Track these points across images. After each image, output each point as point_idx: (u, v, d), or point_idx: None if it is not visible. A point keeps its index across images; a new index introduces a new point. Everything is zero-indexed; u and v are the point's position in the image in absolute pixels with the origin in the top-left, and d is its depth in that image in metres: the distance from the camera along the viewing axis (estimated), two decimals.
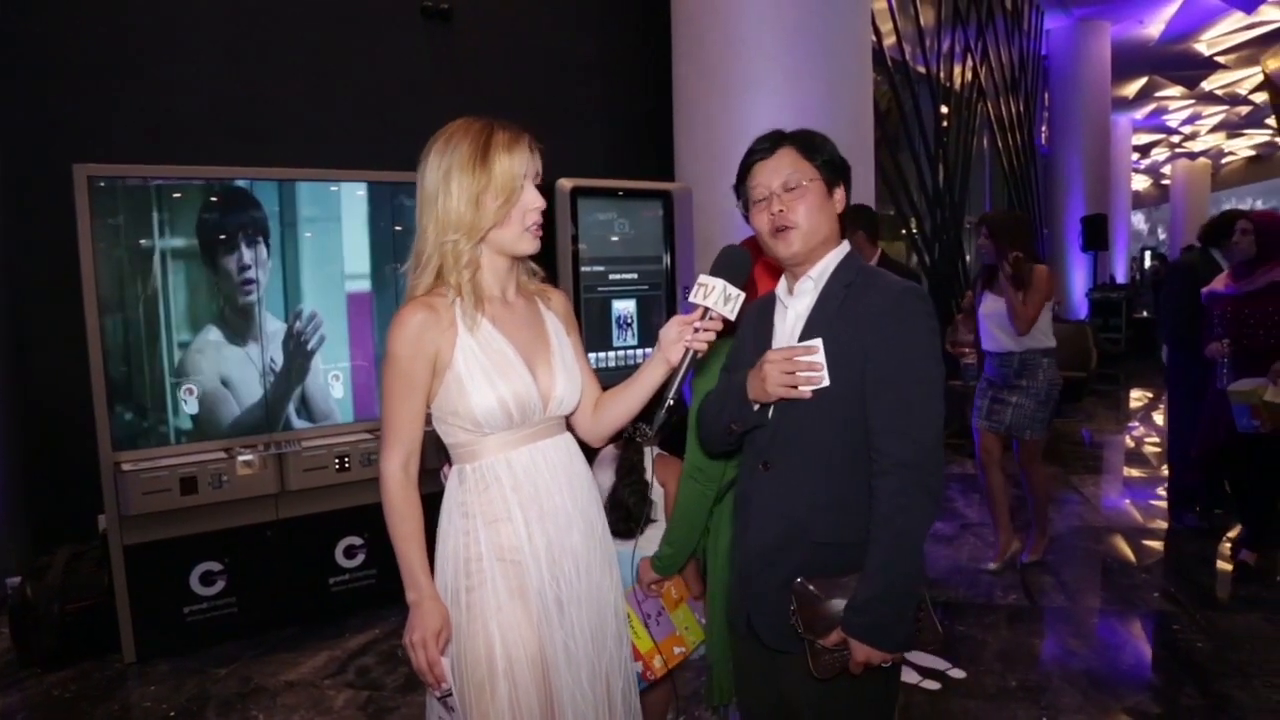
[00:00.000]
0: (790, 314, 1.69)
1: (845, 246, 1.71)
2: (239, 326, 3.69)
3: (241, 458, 3.59)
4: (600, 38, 5.90)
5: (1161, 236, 28.67)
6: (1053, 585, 4.10)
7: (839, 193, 1.69)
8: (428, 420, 1.62)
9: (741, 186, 1.73)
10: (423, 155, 1.59)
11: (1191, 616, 3.69)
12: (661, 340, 1.62)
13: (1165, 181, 27.18)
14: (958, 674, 3.23)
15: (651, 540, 2.30)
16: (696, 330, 1.59)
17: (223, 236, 3.66)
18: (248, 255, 3.69)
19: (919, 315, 1.57)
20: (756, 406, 1.62)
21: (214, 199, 3.65)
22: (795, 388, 1.55)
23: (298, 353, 3.83)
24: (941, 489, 1.53)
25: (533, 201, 1.60)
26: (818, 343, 1.57)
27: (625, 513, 2.27)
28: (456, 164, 1.54)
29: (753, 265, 1.70)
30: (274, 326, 3.77)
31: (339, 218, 3.94)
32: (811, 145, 1.67)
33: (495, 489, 1.60)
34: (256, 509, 3.70)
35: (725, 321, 1.61)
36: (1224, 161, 25.34)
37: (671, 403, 1.61)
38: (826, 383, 1.55)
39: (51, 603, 3.49)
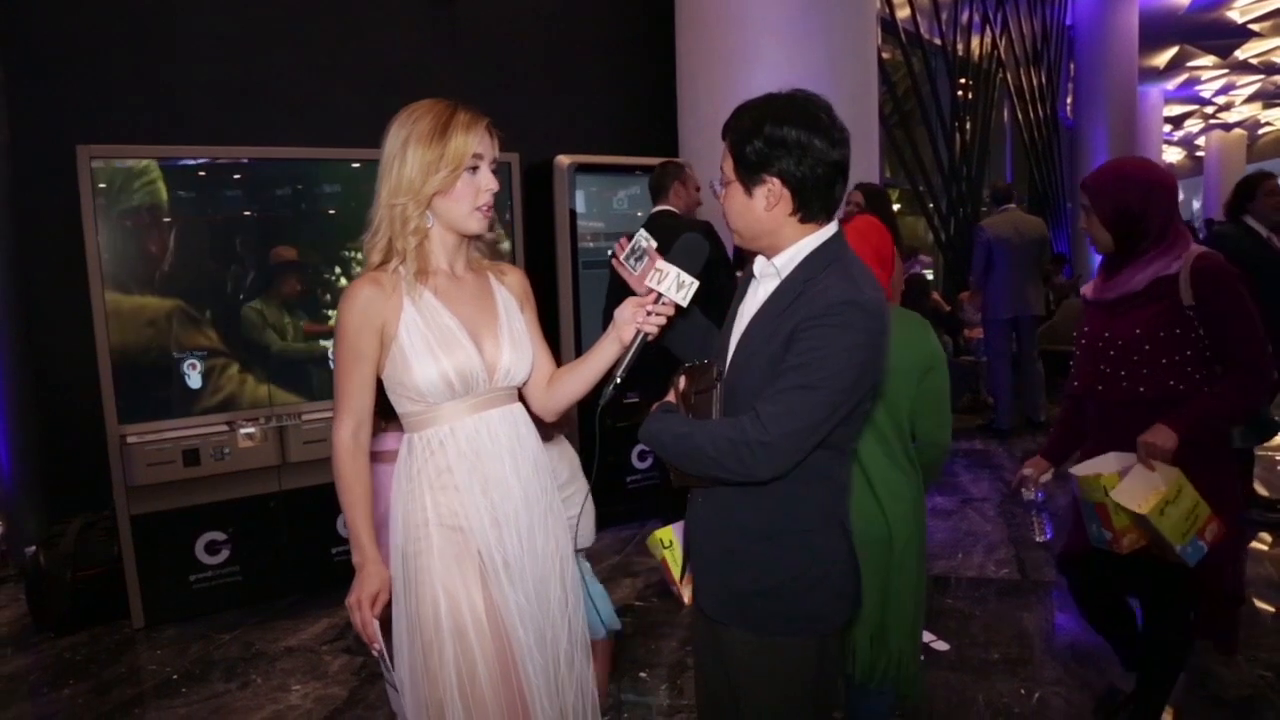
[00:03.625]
0: (760, 293, 1.62)
1: (823, 235, 1.55)
2: (243, 300, 3.77)
3: (243, 430, 3.68)
4: (604, 12, 5.88)
5: (1195, 208, 28.10)
6: (1045, 560, 4.10)
7: (762, 190, 1.51)
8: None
9: None
10: (387, 127, 1.66)
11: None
12: (616, 319, 1.67)
13: (1200, 154, 26.59)
14: (941, 646, 3.26)
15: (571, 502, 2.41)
16: (649, 314, 1.62)
17: (229, 214, 3.73)
18: (252, 232, 3.77)
19: (844, 327, 1.43)
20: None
21: (223, 177, 3.73)
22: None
23: (295, 326, 3.91)
24: (758, 476, 1.46)
25: (486, 183, 1.66)
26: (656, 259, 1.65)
27: None
28: (415, 135, 1.61)
29: (709, 251, 1.71)
30: (275, 300, 3.85)
31: (342, 194, 4.01)
32: (738, 138, 1.52)
33: (440, 457, 1.66)
34: (259, 480, 3.81)
35: (678, 308, 1.65)
36: (1261, 132, 24.73)
37: (619, 380, 1.65)
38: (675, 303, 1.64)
39: (64, 570, 3.63)
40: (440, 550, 1.63)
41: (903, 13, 8.54)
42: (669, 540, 2.21)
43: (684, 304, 1.63)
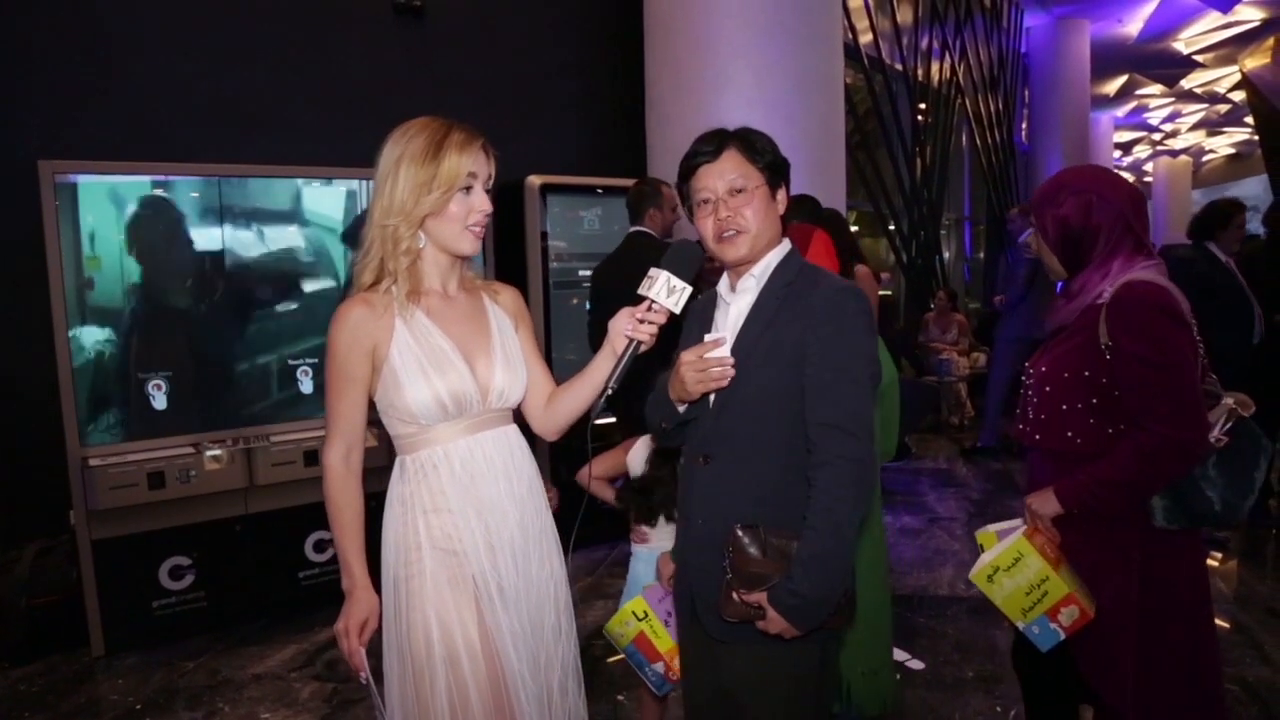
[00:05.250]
0: (732, 311, 1.72)
1: (786, 245, 1.73)
2: (208, 321, 3.71)
3: (209, 453, 3.61)
4: (574, 34, 5.91)
5: None
6: None
7: (781, 194, 1.72)
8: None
9: (685, 187, 1.74)
10: (382, 144, 1.63)
11: None
12: (610, 330, 1.66)
13: (1148, 179, 27.38)
14: (916, 665, 3.29)
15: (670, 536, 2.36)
16: (641, 321, 1.62)
17: (194, 232, 3.68)
18: (217, 250, 3.71)
19: (856, 315, 1.60)
20: (682, 407, 1.67)
21: (189, 194, 3.67)
22: (711, 382, 1.60)
23: (267, 347, 3.85)
24: (876, 482, 1.57)
25: (479, 203, 1.64)
26: (723, 336, 1.63)
27: (646, 499, 2.32)
28: (409, 154, 1.58)
29: (704, 261, 1.73)
30: (242, 319, 3.79)
31: (314, 214, 3.97)
32: (754, 147, 1.68)
33: (433, 479, 1.63)
34: (225, 503, 3.72)
35: (671, 315, 1.64)
36: (1205, 159, 25.55)
37: (611, 390, 1.64)
38: (732, 373, 1.59)
39: (19, 597, 3.51)
40: (433, 574, 1.60)
41: (865, 38, 8.70)
42: (643, 611, 2.15)
43: (676, 310, 1.63)
